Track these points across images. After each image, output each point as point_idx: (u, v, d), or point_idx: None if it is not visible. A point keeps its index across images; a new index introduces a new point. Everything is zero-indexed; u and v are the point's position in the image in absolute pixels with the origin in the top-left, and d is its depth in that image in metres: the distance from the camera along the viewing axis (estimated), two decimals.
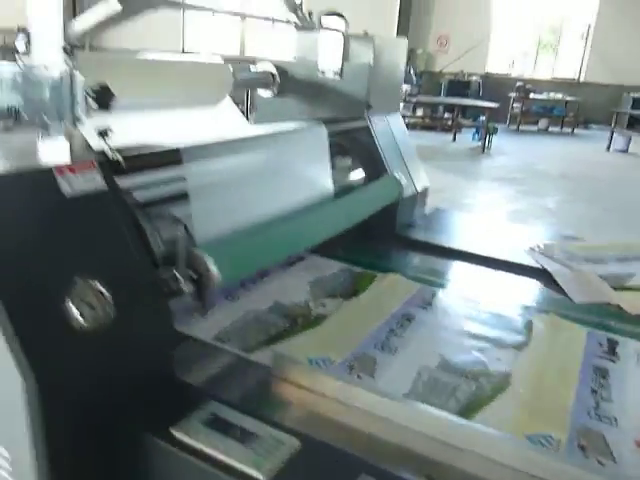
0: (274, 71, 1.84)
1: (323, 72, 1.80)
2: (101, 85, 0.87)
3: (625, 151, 10.90)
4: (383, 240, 1.78)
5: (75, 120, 0.90)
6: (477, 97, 12.61)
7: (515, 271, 1.68)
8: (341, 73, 1.77)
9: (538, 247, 1.83)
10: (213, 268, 0.95)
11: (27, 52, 1.24)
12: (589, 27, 14.15)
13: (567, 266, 1.70)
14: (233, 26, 12.32)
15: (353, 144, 1.76)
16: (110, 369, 0.84)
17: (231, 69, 1.63)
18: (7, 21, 10.82)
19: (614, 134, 11.04)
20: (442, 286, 1.54)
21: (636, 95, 12.99)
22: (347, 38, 1.75)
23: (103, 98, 0.86)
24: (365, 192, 1.57)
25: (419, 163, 2.05)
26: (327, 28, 1.72)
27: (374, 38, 1.75)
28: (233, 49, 12.86)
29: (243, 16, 1.43)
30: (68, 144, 0.95)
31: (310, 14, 1.63)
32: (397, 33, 12.45)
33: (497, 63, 14.41)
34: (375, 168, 1.78)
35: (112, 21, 1.07)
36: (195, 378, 1.00)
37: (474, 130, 10.85)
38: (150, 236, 0.96)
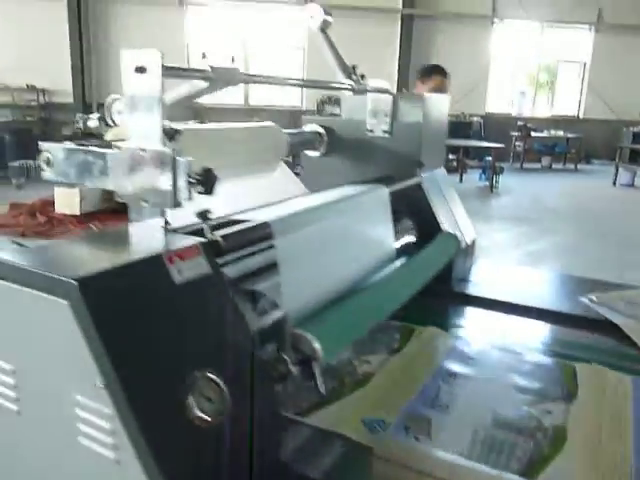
0: (321, 131, 1.85)
1: (372, 131, 1.81)
2: (204, 168, 0.86)
3: (631, 185, 10.97)
4: (439, 296, 1.75)
5: (175, 205, 0.88)
6: (479, 137, 12.77)
7: (559, 321, 1.66)
8: (391, 132, 1.77)
9: (596, 297, 1.80)
10: (318, 347, 0.92)
11: (100, 130, 1.24)
12: (585, 65, 14.45)
13: (632, 317, 1.66)
14: None
15: (406, 202, 1.74)
16: (231, 462, 0.80)
17: (284, 131, 1.64)
18: (16, 79, 11.11)
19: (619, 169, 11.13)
20: (482, 338, 1.52)
21: (636, 129, 13.15)
22: (396, 96, 1.76)
23: (208, 183, 0.85)
24: (428, 252, 1.54)
25: (466, 215, 2.04)
26: (377, 90, 1.73)
27: (424, 97, 1.76)
28: (238, 98, 13.10)
29: (315, 88, 1.44)
30: (163, 227, 0.93)
31: (362, 77, 1.64)
32: (398, 79, 12.69)
33: (496, 103, 14.64)
34: (429, 225, 1.76)
35: (196, 95, 1.07)
36: (296, 461, 0.96)
37: (481, 170, 10.93)
38: (248, 317, 0.93)
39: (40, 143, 1.02)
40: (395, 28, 13.30)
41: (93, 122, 1.21)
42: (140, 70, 0.89)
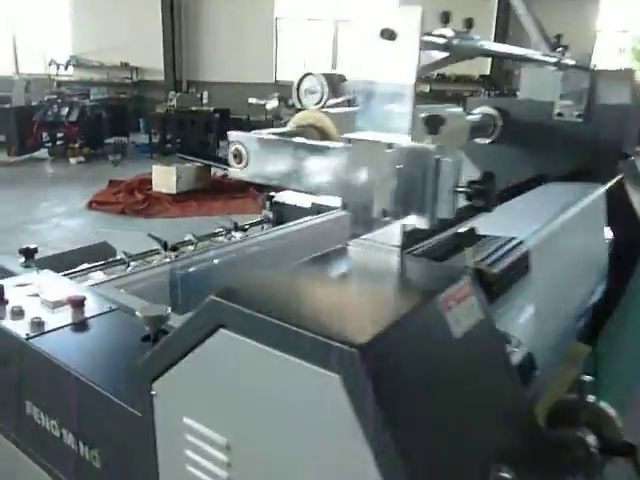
0: (495, 114, 1.56)
1: (561, 114, 1.50)
2: (484, 174, 0.61)
3: None
4: None
5: (432, 222, 0.64)
6: None
7: None
8: (587, 116, 1.46)
9: None
10: (619, 425, 0.66)
11: (277, 112, 1.02)
12: None
13: None
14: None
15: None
16: None
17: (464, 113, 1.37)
18: (111, 57, 11.31)
19: None
20: None
21: None
22: (595, 74, 1.45)
23: (489, 195, 0.60)
24: None
25: None
26: (574, 65, 1.42)
27: (633, 73, 1.44)
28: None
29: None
30: (399, 248, 0.70)
31: (566, 48, 1.34)
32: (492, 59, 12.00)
33: None
34: (631, 231, 1.45)
35: (429, 68, 0.83)
36: None
37: None
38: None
39: (230, 133, 0.81)
40: (492, 1, 12.56)
41: (271, 103, 0.99)
42: (388, 35, 0.65)
